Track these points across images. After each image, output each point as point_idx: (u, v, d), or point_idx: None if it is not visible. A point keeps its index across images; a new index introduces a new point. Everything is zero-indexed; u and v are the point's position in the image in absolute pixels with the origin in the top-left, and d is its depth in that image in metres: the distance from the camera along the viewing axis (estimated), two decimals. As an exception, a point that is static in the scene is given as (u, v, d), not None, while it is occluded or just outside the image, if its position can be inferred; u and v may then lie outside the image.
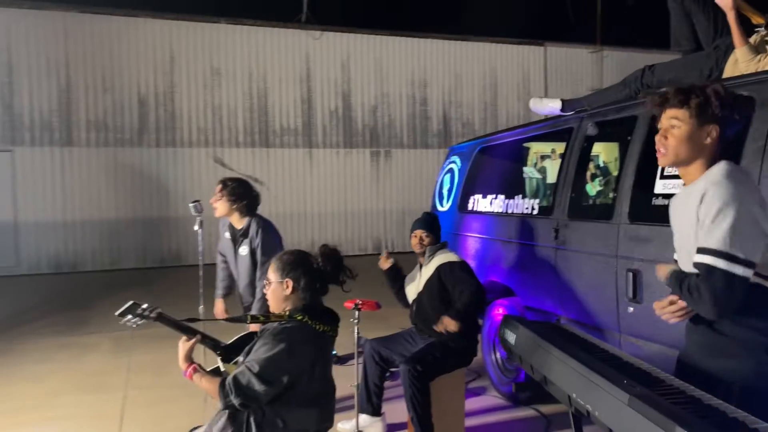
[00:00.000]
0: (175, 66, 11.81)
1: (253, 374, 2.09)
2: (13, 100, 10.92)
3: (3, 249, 10.96)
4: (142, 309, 2.18)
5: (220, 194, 3.81)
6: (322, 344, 2.30)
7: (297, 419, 2.21)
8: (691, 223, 1.83)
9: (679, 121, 1.88)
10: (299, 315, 2.25)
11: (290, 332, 2.18)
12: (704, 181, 1.85)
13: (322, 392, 2.31)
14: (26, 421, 4.15)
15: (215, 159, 12.04)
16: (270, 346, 2.13)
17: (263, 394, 2.11)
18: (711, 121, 1.85)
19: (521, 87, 14.45)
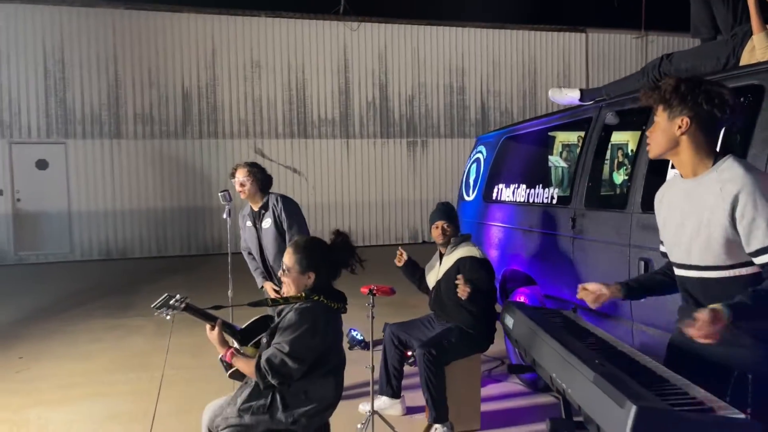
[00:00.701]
0: (217, 59, 12.15)
1: (284, 354, 2.27)
2: (66, 95, 11.48)
3: (58, 237, 11.59)
4: (175, 300, 2.36)
5: (247, 178, 4.00)
6: (336, 320, 2.50)
7: (317, 389, 2.39)
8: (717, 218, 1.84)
9: (657, 116, 1.98)
10: (315, 295, 2.40)
11: (311, 312, 2.35)
12: (720, 177, 1.87)
13: (339, 364, 2.51)
14: (74, 395, 4.47)
15: (255, 150, 12.36)
16: (295, 326, 2.30)
17: (296, 370, 2.29)
18: (680, 113, 1.90)
19: (561, 75, 14.23)
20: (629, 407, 1.26)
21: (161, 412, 4.10)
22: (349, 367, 3.40)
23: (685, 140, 1.93)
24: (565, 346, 1.74)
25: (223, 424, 2.38)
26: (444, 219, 3.85)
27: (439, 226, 3.85)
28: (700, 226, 1.90)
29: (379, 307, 6.64)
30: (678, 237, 2.00)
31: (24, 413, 4.12)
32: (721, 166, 1.90)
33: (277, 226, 3.99)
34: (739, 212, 1.79)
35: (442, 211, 3.89)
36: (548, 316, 2.22)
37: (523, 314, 2.18)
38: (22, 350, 5.66)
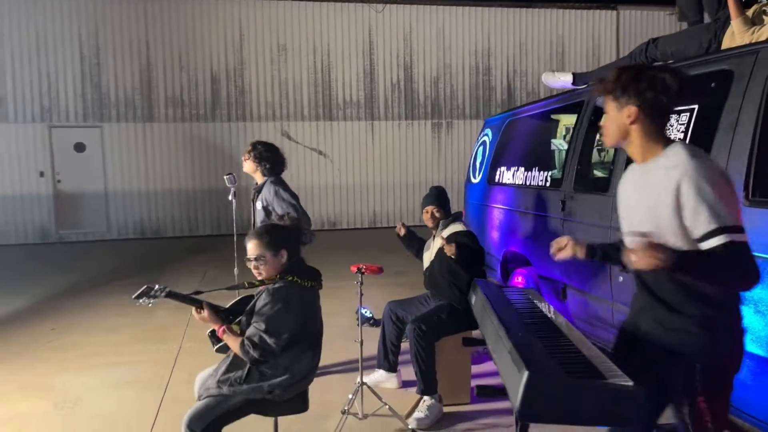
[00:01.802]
0: (245, 43, 12.40)
1: (262, 331, 2.48)
2: (101, 80, 11.93)
3: (96, 216, 12.13)
4: (155, 290, 2.58)
5: (248, 154, 4.22)
6: (311, 297, 2.67)
7: (293, 363, 2.58)
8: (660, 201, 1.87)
9: (608, 107, 2.01)
10: (289, 276, 2.59)
11: (284, 291, 2.54)
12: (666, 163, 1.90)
13: (316, 337, 2.69)
14: (97, 364, 4.81)
15: (282, 132, 12.61)
16: (270, 305, 2.51)
17: (275, 345, 2.49)
18: (626, 103, 1.93)
19: (591, 54, 13.98)
20: (523, 372, 1.40)
21: (174, 381, 4.39)
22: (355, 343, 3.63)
23: (634, 129, 1.96)
24: (501, 320, 1.87)
25: (204, 393, 2.60)
26: (434, 204, 3.98)
27: (429, 211, 3.98)
28: (648, 213, 1.94)
29: (392, 287, 6.85)
30: (630, 223, 2.05)
31: (49, 379, 4.47)
32: (668, 152, 1.93)
33: (267, 212, 4.19)
34: (683, 198, 1.81)
35: (433, 196, 4.01)
36: (505, 295, 2.35)
37: (481, 291, 2.32)
38: (56, 322, 6.06)
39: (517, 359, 1.49)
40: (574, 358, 1.61)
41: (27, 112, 11.68)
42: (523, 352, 1.53)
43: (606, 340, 3.44)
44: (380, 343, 4.15)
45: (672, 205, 1.83)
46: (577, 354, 1.65)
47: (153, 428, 3.63)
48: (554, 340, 1.79)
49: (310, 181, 12.79)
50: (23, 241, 11.70)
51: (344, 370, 4.49)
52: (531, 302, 2.30)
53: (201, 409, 2.52)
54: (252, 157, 4.26)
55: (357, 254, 9.73)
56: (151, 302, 2.58)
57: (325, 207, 12.93)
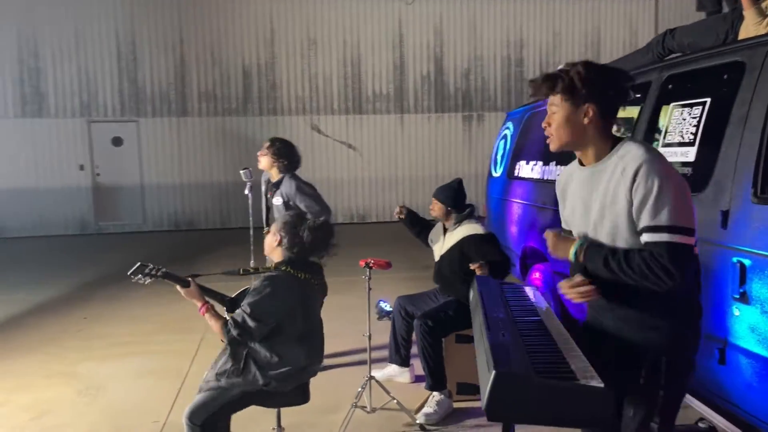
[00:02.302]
0: (276, 38, 12.52)
1: (246, 313, 2.53)
2: (137, 76, 12.23)
3: (132, 209, 12.48)
4: (149, 269, 2.64)
5: (266, 150, 4.28)
6: (304, 290, 2.67)
7: (287, 354, 2.60)
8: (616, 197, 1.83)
9: (556, 106, 1.91)
10: (283, 266, 2.63)
11: (274, 279, 2.59)
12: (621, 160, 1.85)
13: (308, 332, 2.69)
14: (121, 353, 4.97)
15: (312, 126, 12.71)
16: (258, 290, 2.56)
17: (255, 329, 2.53)
18: (584, 101, 1.86)
19: (628, 44, 13.58)
20: (491, 371, 1.39)
21: (193, 371, 4.49)
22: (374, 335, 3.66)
23: (591, 128, 1.89)
24: (486, 318, 1.86)
25: (204, 386, 2.65)
26: (437, 198, 3.95)
27: (433, 203, 3.96)
28: (604, 211, 1.88)
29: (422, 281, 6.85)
30: (585, 225, 1.97)
31: (76, 367, 4.64)
32: (620, 150, 1.88)
33: (287, 207, 4.23)
34: (634, 189, 1.77)
35: (439, 190, 3.99)
36: (504, 293, 2.33)
37: (477, 289, 2.30)
38: (87, 311, 6.28)
39: (489, 359, 1.47)
40: (552, 358, 1.58)
41: (67, 107, 12.07)
42: (498, 352, 1.51)
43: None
44: (391, 338, 4.16)
45: (628, 198, 1.79)
46: (556, 354, 1.63)
47: (168, 417, 3.73)
48: (538, 339, 1.77)
49: (340, 174, 12.85)
50: (64, 232, 12.12)
51: (358, 363, 4.51)
52: (527, 300, 2.27)
53: (200, 403, 2.58)
54: (271, 153, 4.32)
55: (384, 248, 9.75)
56: (147, 280, 2.64)
57: (354, 200, 12.98)
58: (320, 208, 4.31)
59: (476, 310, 2.07)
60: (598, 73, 1.88)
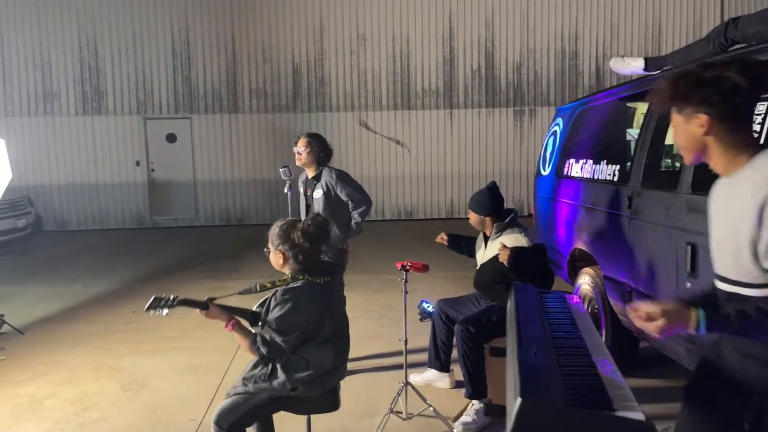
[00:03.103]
0: (325, 34, 12.53)
1: (273, 330, 2.48)
2: (191, 74, 12.49)
3: (186, 203, 12.79)
4: (164, 300, 2.59)
5: (306, 147, 4.27)
6: (325, 294, 2.59)
7: (314, 357, 2.55)
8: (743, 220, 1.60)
9: (674, 118, 1.75)
10: (300, 275, 2.56)
11: (294, 292, 2.50)
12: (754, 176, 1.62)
13: (334, 335, 2.62)
14: (166, 347, 5.04)
15: (360, 122, 12.67)
16: (281, 306, 2.49)
17: (285, 345, 2.49)
18: (694, 111, 1.68)
19: (691, 36, 12.91)
20: (517, 398, 1.26)
21: (233, 368, 4.51)
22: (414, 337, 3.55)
23: (711, 140, 1.69)
24: (519, 333, 1.72)
25: (231, 392, 2.62)
26: (471, 208, 3.80)
27: (470, 214, 3.82)
28: (731, 233, 1.66)
29: (466, 281, 6.69)
30: (715, 243, 1.77)
31: (122, 360, 4.74)
32: (757, 162, 1.64)
33: (328, 197, 4.23)
34: (764, 219, 1.53)
35: (471, 200, 3.84)
36: (543, 303, 2.18)
37: (515, 298, 2.16)
38: (136, 305, 6.42)
39: (516, 382, 1.35)
40: (588, 383, 1.44)
41: (125, 105, 12.46)
42: (526, 375, 1.38)
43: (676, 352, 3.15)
44: (431, 343, 4.04)
45: (756, 224, 1.56)
46: (594, 378, 1.48)
47: (205, 416, 3.74)
48: (575, 360, 1.62)
49: (388, 170, 12.77)
50: (121, 226, 12.54)
51: (397, 366, 4.40)
52: (569, 314, 2.11)
53: (228, 407, 2.54)
54: (309, 152, 4.33)
55: (430, 245, 9.60)
56: (165, 311, 2.59)
57: (402, 197, 12.87)
58: (362, 196, 4.32)
59: (511, 323, 1.94)
60: (691, 81, 1.66)
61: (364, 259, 8.20)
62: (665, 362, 3.76)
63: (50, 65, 12.30)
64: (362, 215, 4.38)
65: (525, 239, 3.64)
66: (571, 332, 1.90)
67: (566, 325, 1.97)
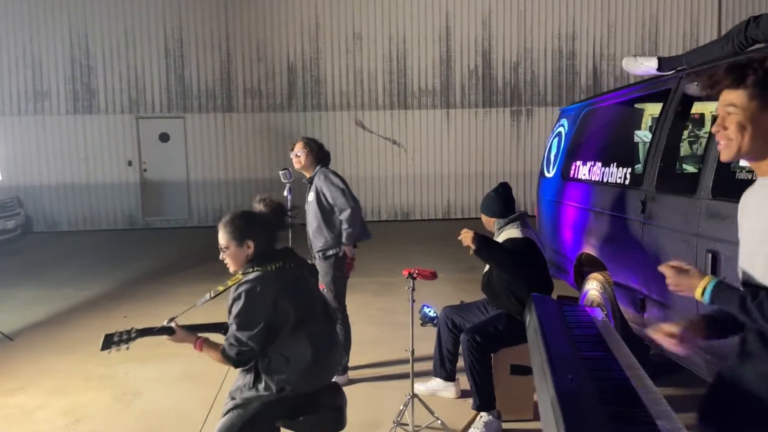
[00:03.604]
0: (320, 33, 12.38)
1: (236, 330, 2.35)
2: (184, 72, 12.30)
3: (179, 204, 12.60)
4: (119, 335, 2.44)
5: (304, 150, 4.13)
6: (280, 278, 2.42)
7: (292, 351, 2.41)
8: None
9: (736, 107, 1.56)
10: (250, 269, 2.42)
11: (245, 285, 2.37)
12: None
13: (303, 319, 2.45)
14: (161, 354, 4.86)
15: (356, 122, 12.53)
16: (236, 302, 2.37)
17: (252, 341, 2.34)
18: None
19: (688, 35, 12.88)
20: (563, 437, 1.14)
21: (231, 377, 4.33)
22: (417, 344, 3.43)
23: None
24: (550, 355, 1.60)
25: (224, 410, 2.49)
26: (483, 212, 3.71)
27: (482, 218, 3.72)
28: (765, 241, 1.54)
29: (464, 284, 6.56)
30: (747, 249, 1.64)
31: (114, 368, 4.58)
32: None
33: (319, 201, 4.10)
34: None
35: (482, 203, 3.74)
36: (565, 317, 2.05)
37: (536, 312, 2.04)
38: (128, 309, 6.26)
39: (558, 415, 1.22)
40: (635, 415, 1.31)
41: (116, 103, 12.26)
42: (567, 407, 1.25)
43: (694, 363, 3.03)
44: (436, 351, 3.92)
45: None
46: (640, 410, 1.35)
47: (203, 427, 3.59)
48: (613, 384, 1.49)
49: (384, 171, 12.64)
50: (113, 226, 12.34)
51: (400, 375, 4.28)
52: (593, 328, 1.99)
53: (223, 426, 2.42)
54: (306, 154, 4.21)
55: (427, 247, 9.51)
56: (124, 347, 2.46)
57: (398, 197, 12.75)
58: (344, 199, 4.09)
59: (536, 341, 1.81)
60: None
61: (361, 262, 8.06)
62: (676, 370, 3.66)
63: (41, 63, 12.08)
64: (349, 221, 4.09)
65: (518, 231, 3.52)
66: (602, 350, 1.77)
67: (594, 341, 1.84)
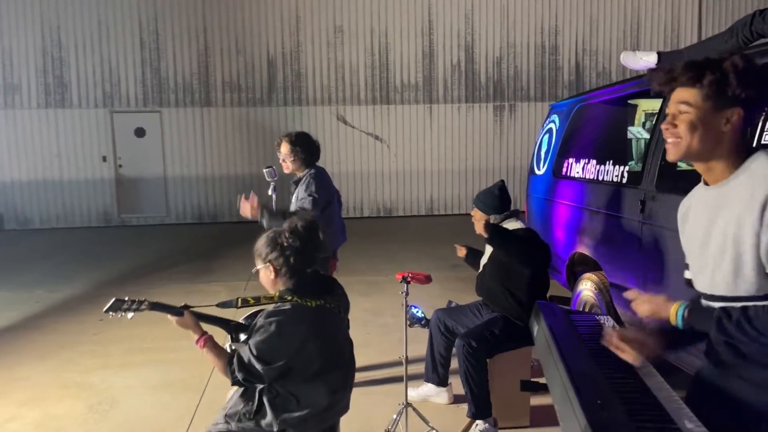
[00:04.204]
0: (301, 26, 12.14)
1: (252, 355, 2.14)
2: (161, 65, 11.97)
3: (156, 200, 12.29)
4: (130, 302, 2.27)
5: (290, 155, 3.94)
6: (317, 320, 2.24)
7: (306, 395, 2.22)
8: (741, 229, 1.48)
9: (690, 105, 1.53)
10: (288, 295, 2.22)
11: (279, 315, 2.17)
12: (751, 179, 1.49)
13: (327, 366, 2.26)
14: (139, 361, 4.68)
15: (338, 117, 12.33)
16: (264, 329, 2.15)
17: (264, 373, 2.15)
18: (730, 104, 1.50)
19: (669, 30, 12.92)
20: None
21: (213, 384, 4.18)
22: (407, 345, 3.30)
23: (728, 137, 1.53)
24: (571, 376, 1.46)
25: (212, 429, 2.29)
26: (477, 206, 3.54)
27: (473, 212, 3.57)
28: (726, 245, 1.52)
29: (450, 282, 6.44)
30: (703, 260, 1.61)
31: (90, 375, 4.37)
32: (751, 165, 1.51)
33: None
34: (765, 223, 1.42)
35: (477, 198, 3.57)
36: (576, 327, 1.93)
37: (545, 322, 1.91)
38: (105, 312, 6.01)
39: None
40: None
41: (90, 97, 11.88)
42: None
43: (689, 365, 2.94)
44: (428, 355, 3.79)
45: (757, 230, 1.43)
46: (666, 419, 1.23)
47: (185, 439, 3.43)
48: (643, 407, 1.37)
49: (366, 166, 12.48)
50: (87, 224, 11.99)
51: (392, 379, 4.15)
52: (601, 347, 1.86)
53: (215, 454, 2.23)
54: (293, 160, 3.98)
55: (412, 244, 9.38)
56: (129, 315, 2.29)
57: (381, 193, 12.59)
58: (311, 207, 3.83)
59: (550, 358, 1.68)
60: (756, 70, 1.49)
61: (347, 260, 7.91)
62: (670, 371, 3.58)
63: (11, 56, 11.65)
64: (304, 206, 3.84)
65: (520, 223, 3.45)
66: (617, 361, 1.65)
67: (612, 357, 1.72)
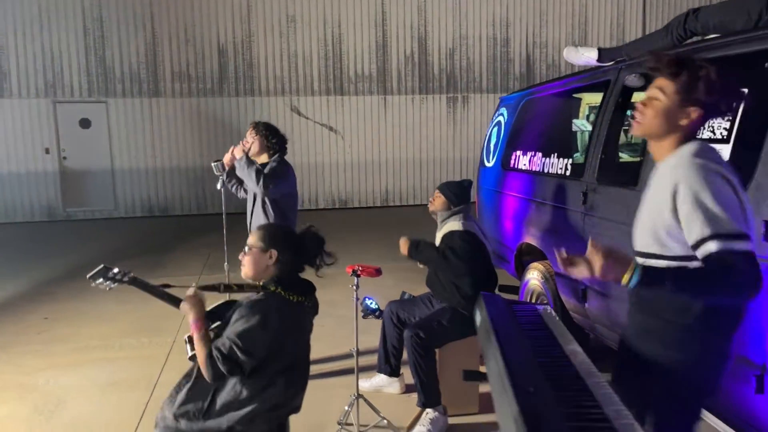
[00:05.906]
0: (252, 15, 11.94)
1: (234, 345, 2.12)
2: (106, 54, 11.58)
3: (103, 194, 11.92)
4: (114, 273, 2.26)
5: (253, 136, 3.86)
6: (296, 314, 2.28)
7: (259, 391, 2.20)
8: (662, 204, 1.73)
9: (664, 93, 1.76)
10: (272, 286, 2.24)
11: (263, 304, 2.19)
12: (674, 161, 1.75)
13: (291, 364, 2.27)
14: (86, 360, 4.57)
15: (292, 108, 12.22)
16: (246, 318, 2.15)
17: (245, 362, 2.14)
18: (693, 104, 1.72)
19: (615, 25, 13.29)
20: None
21: (163, 381, 4.12)
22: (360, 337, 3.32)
23: (683, 130, 1.77)
24: (508, 364, 1.52)
25: (160, 423, 2.26)
26: (443, 192, 3.63)
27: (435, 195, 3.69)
28: (652, 211, 1.81)
29: (406, 272, 6.49)
30: (640, 223, 1.89)
31: (35, 377, 4.24)
32: (681, 150, 1.76)
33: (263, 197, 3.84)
34: (679, 201, 1.68)
35: (445, 185, 3.71)
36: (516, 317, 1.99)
37: (486, 312, 1.96)
38: (50, 310, 5.84)
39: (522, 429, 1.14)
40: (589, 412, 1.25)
41: (31, 87, 11.41)
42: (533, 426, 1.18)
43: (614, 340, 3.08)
44: (381, 346, 3.84)
45: (669, 206, 1.71)
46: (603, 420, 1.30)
47: (133, 438, 3.38)
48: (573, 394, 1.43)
49: (321, 158, 12.43)
50: (30, 218, 11.55)
51: (344, 371, 4.17)
52: (546, 329, 1.94)
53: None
54: (255, 140, 3.87)
55: (367, 235, 9.42)
56: (110, 286, 2.31)
57: (336, 185, 12.57)
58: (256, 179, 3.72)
59: (489, 346, 1.74)
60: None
61: (300, 252, 7.88)
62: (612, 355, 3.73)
63: (-58, 42, 11.07)
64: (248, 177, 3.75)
65: (460, 224, 3.51)
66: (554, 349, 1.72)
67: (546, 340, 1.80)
